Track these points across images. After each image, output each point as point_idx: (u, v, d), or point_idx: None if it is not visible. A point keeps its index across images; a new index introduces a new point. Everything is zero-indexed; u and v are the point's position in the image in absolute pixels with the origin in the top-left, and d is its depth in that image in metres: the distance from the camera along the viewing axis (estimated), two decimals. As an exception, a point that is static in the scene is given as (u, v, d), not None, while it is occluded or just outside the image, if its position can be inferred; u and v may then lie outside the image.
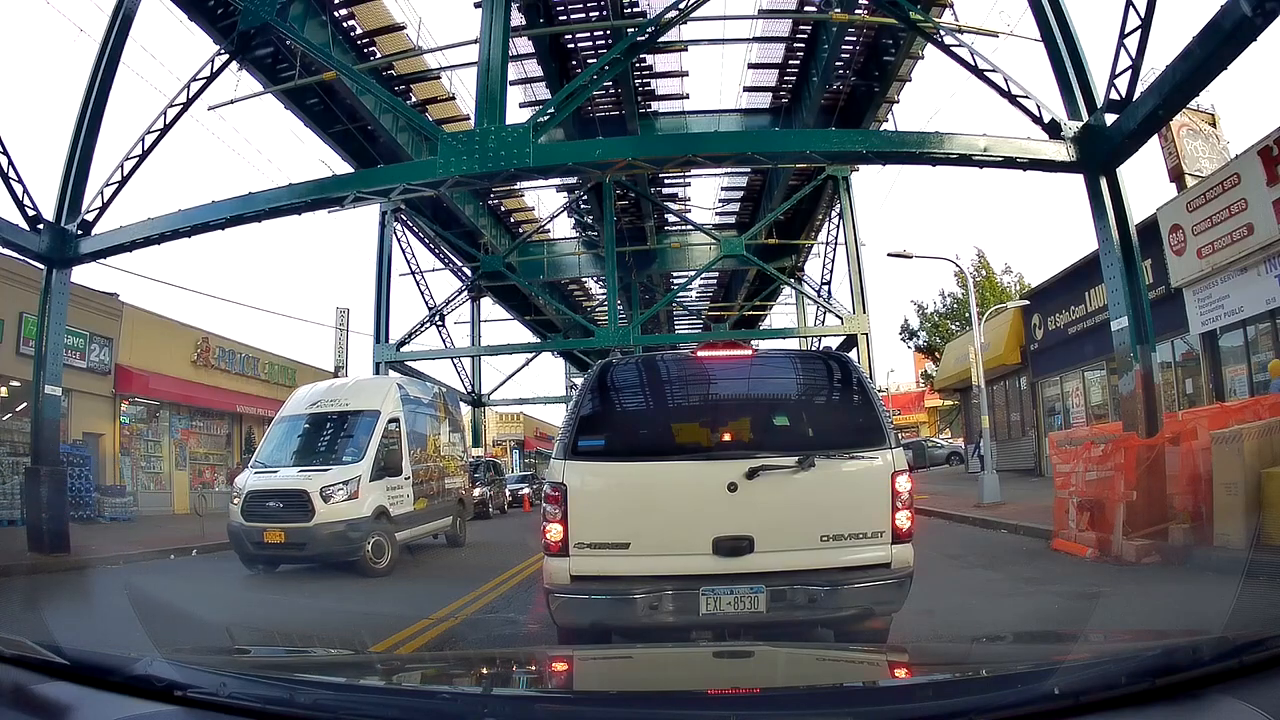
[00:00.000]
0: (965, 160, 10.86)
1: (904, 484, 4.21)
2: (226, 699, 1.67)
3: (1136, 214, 10.71)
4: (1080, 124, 10.41)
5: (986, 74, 10.87)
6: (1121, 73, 9.66)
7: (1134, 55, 9.44)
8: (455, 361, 31.12)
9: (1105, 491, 9.15)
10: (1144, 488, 8.81)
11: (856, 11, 17.90)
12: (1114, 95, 9.80)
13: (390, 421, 11.58)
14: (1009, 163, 10.74)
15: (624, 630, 4.29)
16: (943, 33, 11.66)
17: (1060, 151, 10.43)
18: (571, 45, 20.22)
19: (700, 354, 4.74)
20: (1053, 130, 10.60)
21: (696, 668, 2.59)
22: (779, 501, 4.12)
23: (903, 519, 4.17)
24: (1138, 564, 8.20)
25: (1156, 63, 9.71)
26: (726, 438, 4.43)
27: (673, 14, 12.10)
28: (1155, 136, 12.74)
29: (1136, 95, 9.55)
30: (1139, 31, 9.29)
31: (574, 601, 4.17)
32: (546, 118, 12.37)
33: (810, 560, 4.09)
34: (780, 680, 2.35)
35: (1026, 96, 10.76)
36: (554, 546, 4.16)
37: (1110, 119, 9.99)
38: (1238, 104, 43.08)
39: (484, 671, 2.68)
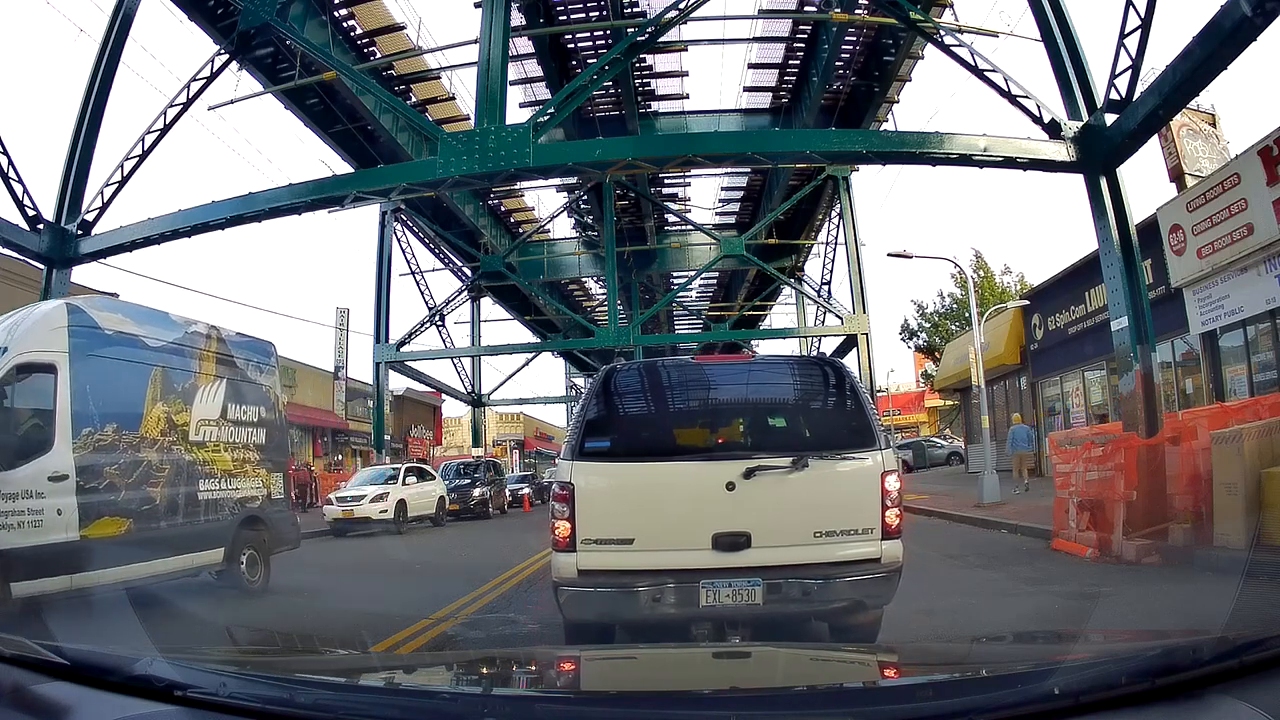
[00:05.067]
0: (965, 160, 10.88)
1: (893, 483, 4.37)
2: (226, 699, 1.65)
3: (1136, 214, 10.72)
4: (1080, 124, 10.43)
5: (986, 74, 10.88)
6: (1121, 73, 9.67)
7: (1134, 55, 9.46)
8: (455, 361, 31.15)
9: (1105, 491, 9.14)
10: (1144, 488, 8.81)
11: (856, 11, 17.93)
12: (1114, 95, 9.82)
13: (25, 371, 6.69)
14: (1009, 163, 10.76)
15: (628, 621, 4.45)
16: (943, 33, 11.68)
17: (1060, 151, 10.44)
18: (571, 45, 20.25)
19: (700, 359, 5.04)
20: (1053, 130, 10.61)
21: (696, 668, 2.58)
22: (775, 500, 4.28)
23: (892, 516, 4.34)
24: (1138, 564, 8.19)
25: (1157, 63, 9.73)
26: (725, 439, 4.62)
27: (673, 14, 12.12)
28: (1155, 136, 12.73)
29: (1136, 95, 9.57)
30: (1139, 31, 9.30)
31: (581, 594, 4.33)
32: (546, 118, 12.39)
33: (804, 555, 4.26)
34: (780, 680, 2.35)
35: (1026, 96, 10.77)
36: (562, 542, 4.33)
37: (1110, 119, 10.00)
38: (1238, 104, 43.08)
39: (484, 671, 2.67)
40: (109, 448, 7.21)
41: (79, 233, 13.39)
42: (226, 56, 13.61)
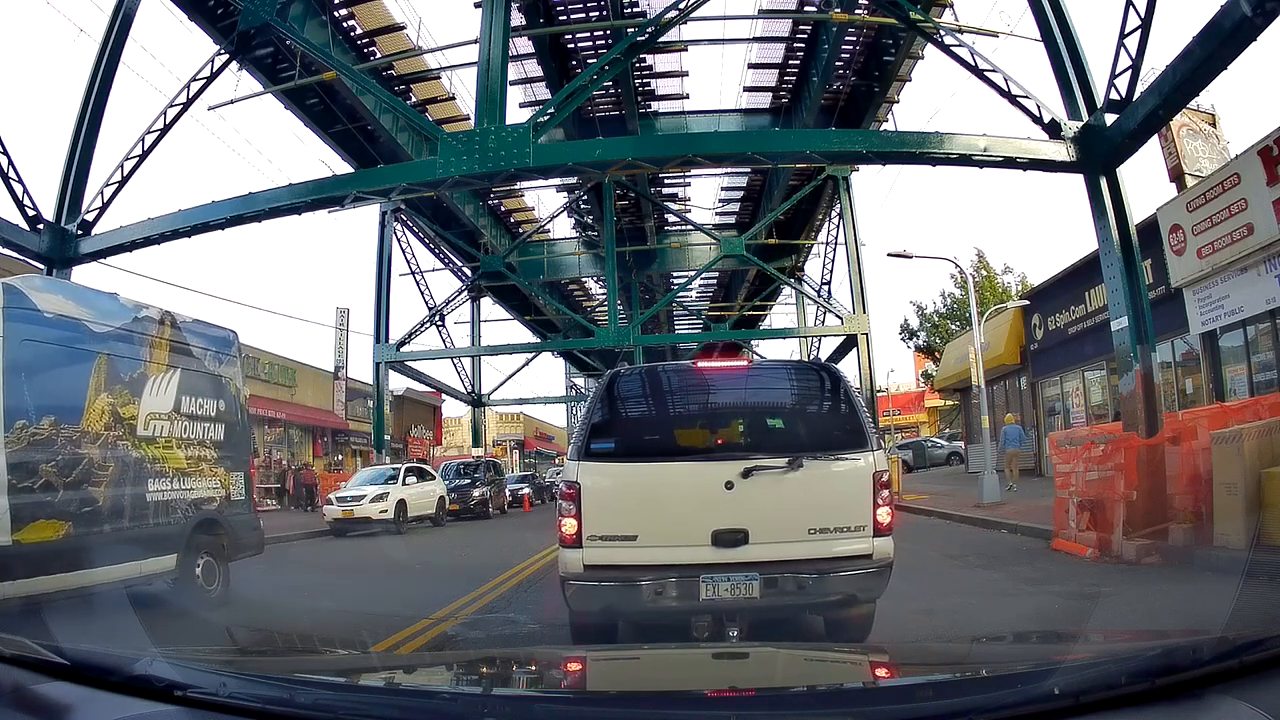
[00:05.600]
0: (965, 160, 10.88)
1: (884, 483, 4.58)
2: (226, 699, 1.66)
3: (1136, 214, 10.71)
4: (1080, 124, 10.42)
5: (986, 74, 10.88)
6: (1121, 73, 9.66)
7: (1134, 55, 9.45)
8: (455, 361, 31.14)
9: (1105, 491, 9.13)
10: (1144, 488, 8.80)
11: (856, 11, 17.92)
12: (1114, 95, 9.81)
13: None
14: (1009, 163, 10.76)
15: (632, 613, 4.67)
16: (943, 33, 11.67)
17: (1060, 151, 10.44)
18: (571, 45, 20.25)
19: (700, 365, 5.31)
20: (1053, 130, 10.61)
21: (697, 668, 2.60)
22: (771, 498, 4.48)
23: (883, 514, 4.53)
24: (1138, 564, 8.19)
25: (1157, 63, 9.73)
26: (724, 441, 4.83)
27: (673, 14, 12.11)
28: (1155, 136, 12.73)
29: (1137, 95, 9.56)
30: (1139, 31, 9.30)
31: (587, 588, 4.53)
32: (546, 118, 12.39)
33: (799, 551, 4.46)
34: (780, 681, 2.36)
35: (1026, 96, 10.77)
36: (569, 539, 4.52)
37: (1110, 119, 10.00)
38: (1238, 104, 43.08)
39: (484, 671, 2.68)
40: (45, 443, 6.52)
41: (79, 233, 13.40)
42: (226, 56, 13.62)
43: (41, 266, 13.50)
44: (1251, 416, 8.36)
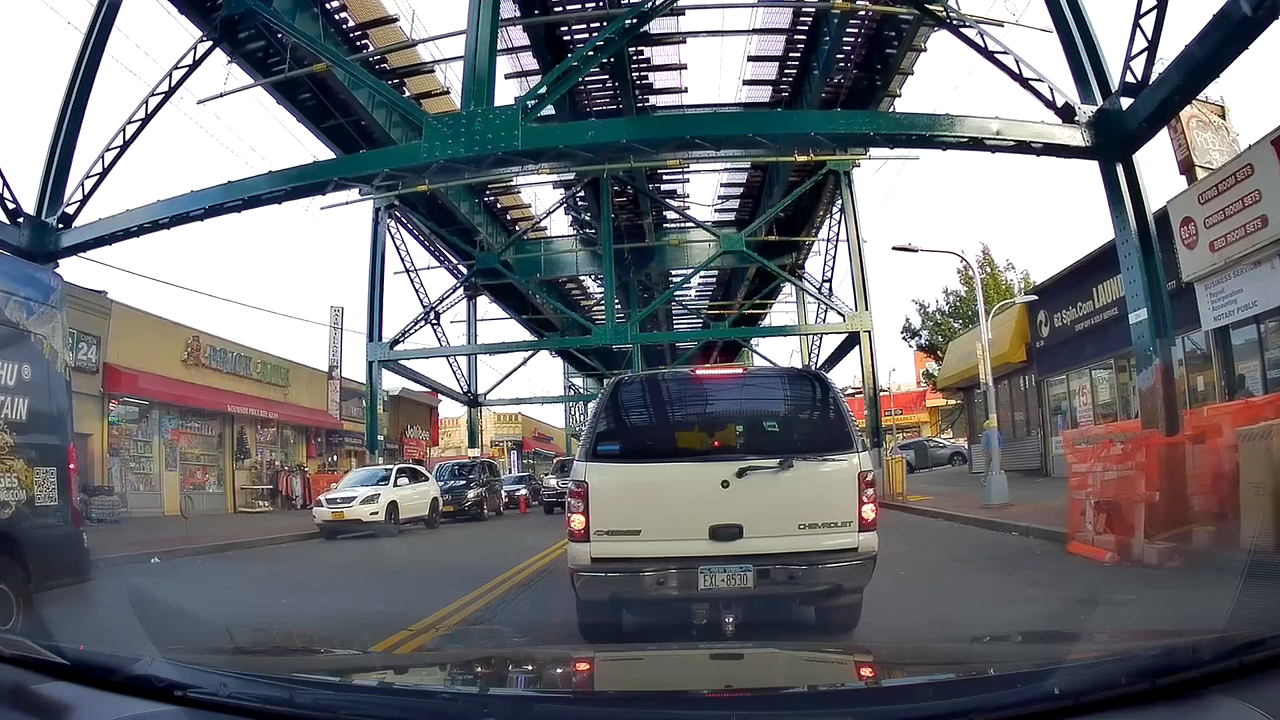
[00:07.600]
0: (977, 144, 10.49)
1: (869, 482, 4.89)
2: (227, 699, 1.68)
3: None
4: (1095, 108, 10.07)
5: (997, 55, 10.52)
6: (1137, 55, 9.32)
7: (1150, 37, 9.10)
8: (452, 361, 30.74)
9: (1124, 492, 8.74)
10: (1165, 488, 8.42)
11: (859, 0, 17.53)
12: (1129, 79, 9.45)
13: None
14: (1022, 147, 10.39)
15: (635, 602, 5.06)
16: (951, 18, 11.29)
17: (1075, 136, 10.08)
18: (568, 38, 19.87)
19: (698, 373, 5.66)
20: (1066, 115, 10.26)
21: (697, 669, 2.61)
22: (764, 496, 4.80)
23: (868, 511, 4.84)
24: (1160, 567, 7.80)
25: (1174, 45, 9.39)
26: (720, 443, 5.19)
27: (669, -4, 11.71)
28: (1164, 128, 12.37)
29: (1153, 79, 9.21)
30: (1154, 12, 8.94)
31: (595, 579, 4.87)
32: (536, 100, 11.98)
33: (790, 545, 4.77)
34: (780, 681, 2.37)
35: (1039, 80, 10.39)
36: (578, 534, 4.85)
37: (1126, 103, 9.66)
38: (1245, 98, 42.80)
39: (484, 671, 2.69)
40: None
41: (60, 226, 13.05)
42: (210, 43, 13.28)
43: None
44: (1274, 413, 7.98)
